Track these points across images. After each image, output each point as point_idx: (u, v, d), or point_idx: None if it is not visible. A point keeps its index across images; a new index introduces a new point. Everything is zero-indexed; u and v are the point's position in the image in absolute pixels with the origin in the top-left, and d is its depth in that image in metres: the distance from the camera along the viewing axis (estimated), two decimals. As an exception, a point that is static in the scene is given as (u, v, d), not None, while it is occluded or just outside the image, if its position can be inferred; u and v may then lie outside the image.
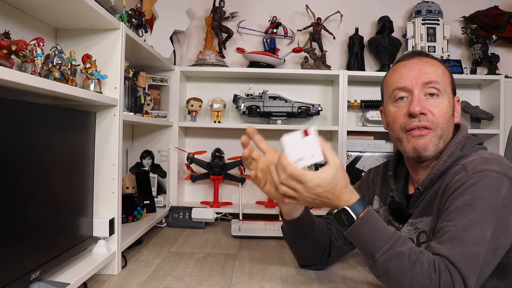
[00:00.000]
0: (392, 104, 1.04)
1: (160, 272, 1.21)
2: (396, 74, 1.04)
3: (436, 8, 2.05)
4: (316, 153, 0.88)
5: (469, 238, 0.80)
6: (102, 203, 1.20)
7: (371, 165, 1.98)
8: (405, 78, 1.01)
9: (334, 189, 0.87)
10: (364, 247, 0.88)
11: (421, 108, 0.96)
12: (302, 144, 0.89)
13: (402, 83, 1.01)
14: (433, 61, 1.03)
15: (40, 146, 0.91)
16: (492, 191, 0.84)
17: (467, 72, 2.03)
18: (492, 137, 1.98)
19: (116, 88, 1.21)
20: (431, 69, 1.00)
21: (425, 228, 0.98)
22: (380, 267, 0.83)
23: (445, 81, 1.00)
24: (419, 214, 1.00)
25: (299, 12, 2.18)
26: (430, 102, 0.98)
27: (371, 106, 2.04)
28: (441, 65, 1.03)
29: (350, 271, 1.24)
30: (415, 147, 0.98)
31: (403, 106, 1.00)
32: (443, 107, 0.98)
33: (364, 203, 0.89)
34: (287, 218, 1.12)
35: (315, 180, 0.86)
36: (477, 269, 0.79)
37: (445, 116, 0.98)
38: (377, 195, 1.19)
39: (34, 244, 0.88)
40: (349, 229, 0.88)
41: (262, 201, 2.09)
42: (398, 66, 1.05)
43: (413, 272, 0.79)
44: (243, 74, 2.07)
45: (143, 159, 1.92)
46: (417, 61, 1.02)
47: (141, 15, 1.54)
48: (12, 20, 1.03)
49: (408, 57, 1.06)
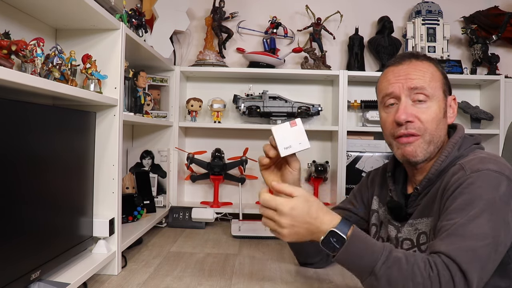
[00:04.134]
0: (383, 109, 1.06)
1: (160, 272, 1.21)
2: (386, 79, 1.04)
3: (436, 8, 2.05)
4: (304, 141, 0.99)
5: (468, 234, 0.80)
6: (102, 203, 1.20)
7: (371, 165, 2.01)
8: (392, 84, 1.01)
9: (310, 210, 0.87)
10: (360, 265, 0.85)
11: (406, 116, 0.97)
12: (290, 134, 0.99)
13: (390, 89, 1.01)
14: (422, 64, 1.01)
15: (40, 146, 0.91)
16: (490, 189, 0.84)
17: (467, 72, 2.03)
18: (492, 137, 1.98)
19: (116, 88, 1.21)
20: (419, 74, 0.99)
21: (425, 229, 0.98)
22: (382, 279, 0.82)
23: (434, 85, 0.99)
24: (419, 215, 1.00)
25: (299, 12, 2.18)
26: (418, 108, 0.98)
27: (371, 106, 2.04)
28: (431, 67, 1.01)
29: (350, 271, 1.24)
30: (404, 154, 1.00)
31: (392, 113, 1.01)
32: (431, 112, 0.98)
33: (347, 221, 0.88)
34: None
35: (288, 203, 0.87)
36: (478, 264, 0.78)
37: (433, 120, 0.98)
38: (376, 195, 1.20)
39: (34, 244, 0.88)
40: (341, 250, 0.85)
41: (262, 201, 2.09)
42: (387, 71, 1.06)
43: (413, 275, 0.79)
44: (243, 74, 2.07)
45: (143, 159, 1.92)
46: (405, 67, 1.01)
47: (141, 15, 1.54)
48: (12, 20, 1.03)
49: (397, 62, 1.05)
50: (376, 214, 1.18)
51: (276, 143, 0.99)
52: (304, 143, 0.99)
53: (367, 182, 1.26)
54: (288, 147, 0.99)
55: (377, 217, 1.17)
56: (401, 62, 1.03)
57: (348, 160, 1.98)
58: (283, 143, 0.99)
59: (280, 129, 0.99)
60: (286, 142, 0.99)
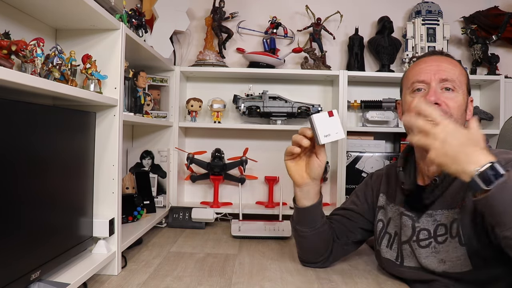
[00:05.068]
0: (410, 94, 1.10)
1: (160, 272, 1.21)
2: (417, 68, 1.10)
3: (436, 9, 2.05)
4: (340, 131, 1.05)
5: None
6: (102, 203, 1.20)
7: (371, 165, 2.01)
8: (424, 72, 1.07)
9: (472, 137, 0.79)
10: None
11: (436, 99, 1.02)
12: (328, 123, 1.04)
13: (421, 76, 1.07)
14: (452, 60, 1.11)
15: (40, 147, 0.91)
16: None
17: (467, 73, 2.03)
18: (492, 137, 1.98)
19: (116, 88, 1.21)
20: (449, 66, 1.07)
21: (445, 221, 1.00)
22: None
23: (461, 80, 1.07)
24: (440, 207, 1.02)
25: (299, 12, 2.18)
26: (446, 95, 1.04)
27: (371, 106, 2.04)
28: (459, 65, 1.10)
29: (350, 271, 1.24)
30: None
31: (420, 96, 1.06)
32: (458, 100, 1.04)
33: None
34: (299, 205, 1.18)
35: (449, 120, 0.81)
36: None
37: (459, 108, 1.04)
38: (382, 193, 1.22)
39: (34, 244, 0.88)
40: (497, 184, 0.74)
41: (262, 201, 2.09)
42: (419, 61, 1.12)
43: None
44: (243, 75, 2.07)
45: (143, 159, 1.92)
46: (437, 58, 1.10)
47: (141, 15, 1.54)
48: (12, 20, 1.03)
49: (429, 54, 1.14)
50: (383, 210, 1.19)
51: (315, 131, 1.04)
52: (341, 133, 1.04)
53: (371, 181, 1.29)
54: (327, 135, 1.04)
55: (384, 213, 1.18)
56: (434, 54, 1.12)
57: (348, 160, 1.98)
58: (322, 131, 1.04)
59: (319, 118, 1.05)
60: (325, 130, 1.04)
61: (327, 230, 1.21)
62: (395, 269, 1.12)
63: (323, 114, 1.05)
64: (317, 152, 1.10)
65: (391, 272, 1.15)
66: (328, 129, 1.04)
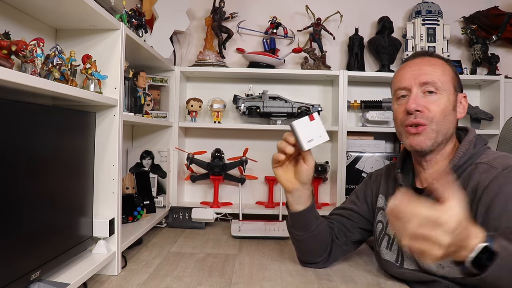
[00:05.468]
0: (395, 102, 1.12)
1: (160, 272, 1.21)
2: (400, 73, 1.11)
3: (436, 9, 2.05)
4: (323, 134, 1.03)
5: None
6: (102, 203, 1.20)
7: (371, 165, 2.01)
8: (405, 78, 1.08)
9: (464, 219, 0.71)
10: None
11: (416, 106, 1.03)
12: (310, 127, 1.02)
13: (403, 83, 1.08)
14: (435, 60, 1.08)
15: (40, 147, 0.91)
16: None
17: (467, 73, 2.03)
18: (492, 137, 1.98)
19: (116, 89, 1.21)
20: (430, 68, 1.06)
21: None
22: None
23: (444, 79, 1.05)
24: None
25: (299, 13, 2.18)
26: (428, 99, 1.04)
27: (371, 106, 2.04)
28: (442, 64, 1.08)
29: (350, 271, 1.24)
30: (412, 144, 1.05)
31: (403, 104, 1.07)
32: (440, 103, 1.04)
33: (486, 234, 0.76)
34: (292, 210, 1.17)
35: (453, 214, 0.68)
36: None
37: (442, 111, 1.03)
38: (382, 194, 1.22)
39: (34, 244, 0.88)
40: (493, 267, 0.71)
41: (262, 201, 2.09)
42: (403, 66, 1.13)
43: None
44: (243, 75, 2.07)
45: (143, 159, 1.92)
46: (419, 61, 1.09)
47: (141, 16, 1.54)
48: (12, 20, 1.03)
49: (411, 57, 1.13)
50: (382, 211, 1.19)
51: (298, 137, 1.02)
52: (324, 136, 1.03)
53: (370, 181, 1.29)
54: (310, 141, 1.02)
55: (384, 214, 1.18)
56: (415, 57, 1.11)
57: (348, 160, 1.98)
58: (305, 137, 1.02)
59: (300, 124, 1.02)
60: (307, 136, 1.02)
61: (323, 231, 1.20)
62: (395, 270, 1.12)
63: (304, 119, 1.03)
64: (304, 157, 1.08)
65: (392, 274, 1.15)
66: (311, 134, 1.02)
